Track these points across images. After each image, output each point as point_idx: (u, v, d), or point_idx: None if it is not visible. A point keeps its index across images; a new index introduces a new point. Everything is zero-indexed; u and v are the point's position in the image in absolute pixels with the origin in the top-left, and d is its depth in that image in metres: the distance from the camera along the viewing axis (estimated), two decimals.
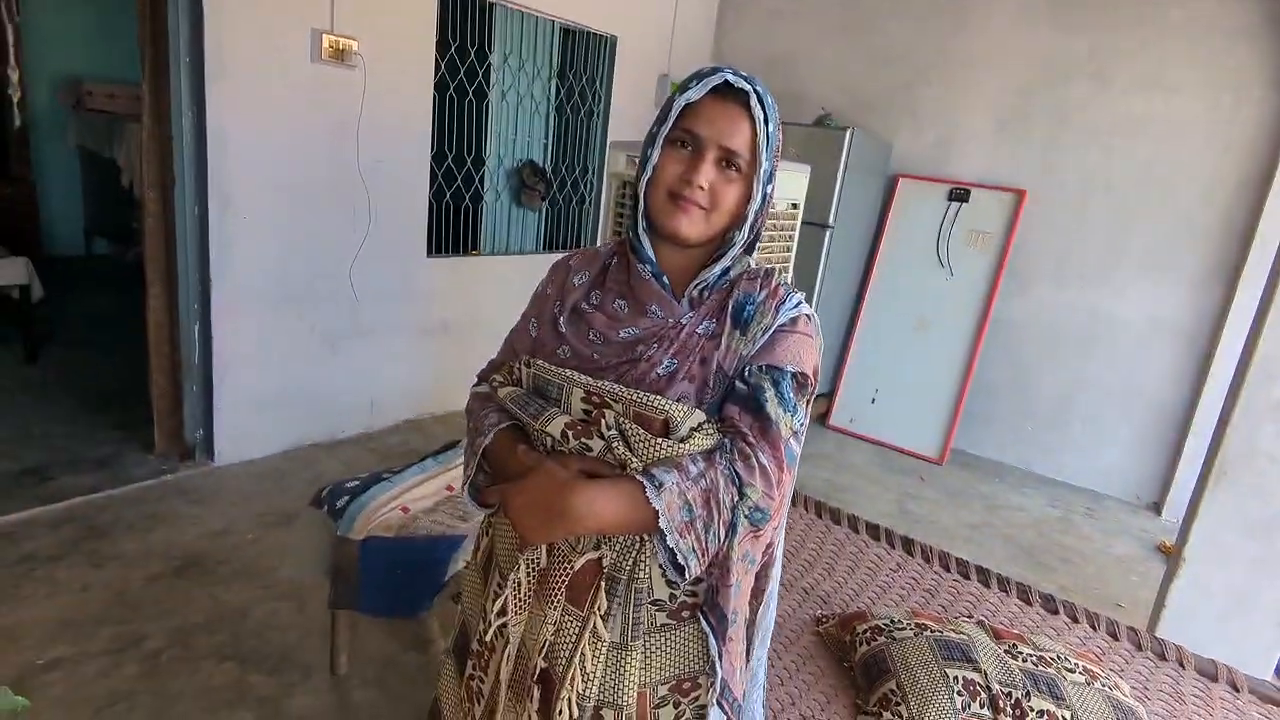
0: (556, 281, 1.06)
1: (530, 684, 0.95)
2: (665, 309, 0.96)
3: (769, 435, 0.89)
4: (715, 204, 0.93)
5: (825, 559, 2.05)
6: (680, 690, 0.97)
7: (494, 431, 0.98)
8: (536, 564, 0.95)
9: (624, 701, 0.93)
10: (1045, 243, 4.17)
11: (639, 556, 0.91)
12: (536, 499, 0.88)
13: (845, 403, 4.62)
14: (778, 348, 0.92)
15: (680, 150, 0.93)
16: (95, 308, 5.00)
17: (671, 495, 0.83)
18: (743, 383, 0.92)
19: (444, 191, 3.79)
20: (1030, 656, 1.48)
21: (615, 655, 0.93)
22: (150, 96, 2.78)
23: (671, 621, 0.95)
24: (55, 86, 5.67)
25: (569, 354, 0.98)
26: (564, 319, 1.00)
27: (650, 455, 0.88)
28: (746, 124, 0.91)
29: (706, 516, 0.85)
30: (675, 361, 0.93)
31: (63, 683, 1.94)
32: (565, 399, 0.94)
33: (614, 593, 0.91)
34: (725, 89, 0.91)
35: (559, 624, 0.93)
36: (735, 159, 0.91)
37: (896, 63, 4.50)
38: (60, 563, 2.40)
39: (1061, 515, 3.83)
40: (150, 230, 2.91)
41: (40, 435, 3.19)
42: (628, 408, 0.90)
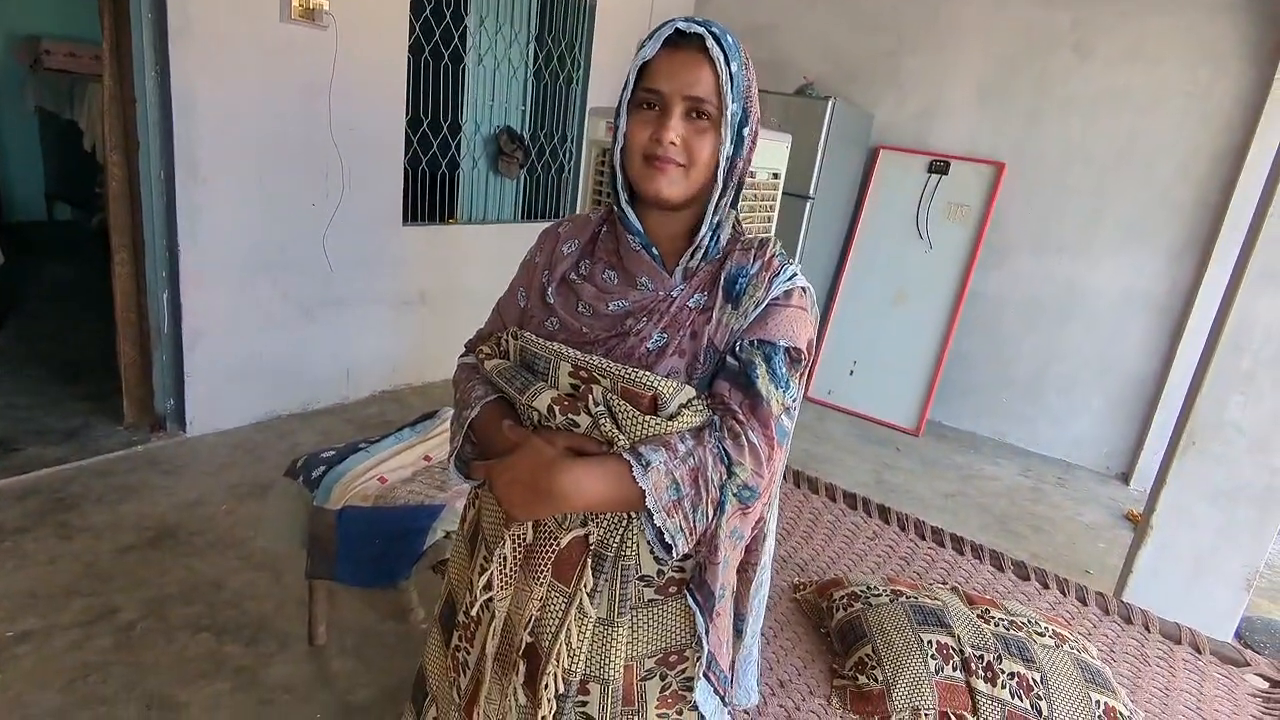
0: (545, 250, 1.03)
1: (516, 658, 0.94)
2: (656, 281, 0.93)
3: (759, 412, 0.87)
4: (692, 158, 0.89)
5: (803, 527, 2.07)
6: (666, 663, 0.97)
7: (480, 405, 0.97)
8: (523, 539, 0.94)
9: (610, 675, 0.93)
10: (1023, 215, 4.19)
11: (626, 533, 0.90)
12: (522, 476, 0.86)
13: (824, 374, 4.65)
14: (770, 322, 0.90)
15: (647, 112, 0.90)
16: (59, 275, 4.88)
17: (659, 474, 0.82)
18: (734, 358, 0.90)
19: (420, 158, 3.72)
20: (1002, 621, 1.51)
21: (602, 631, 0.92)
22: (111, 55, 2.68)
23: (659, 597, 0.95)
24: (11, 45, 5.46)
25: (557, 326, 0.96)
26: (552, 289, 0.98)
27: (638, 432, 0.86)
28: (706, 69, 0.87)
29: (694, 496, 0.84)
30: (665, 336, 0.91)
31: (32, 655, 1.92)
32: (552, 373, 0.92)
33: (600, 569, 0.90)
34: (679, 38, 0.88)
35: (545, 600, 0.92)
36: (702, 107, 0.88)
37: (880, 31, 4.46)
38: (27, 535, 2.36)
39: (1033, 485, 3.90)
40: (115, 195, 2.83)
41: (4, 406, 3.12)
42: (615, 383, 0.87)
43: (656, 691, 0.97)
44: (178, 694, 1.86)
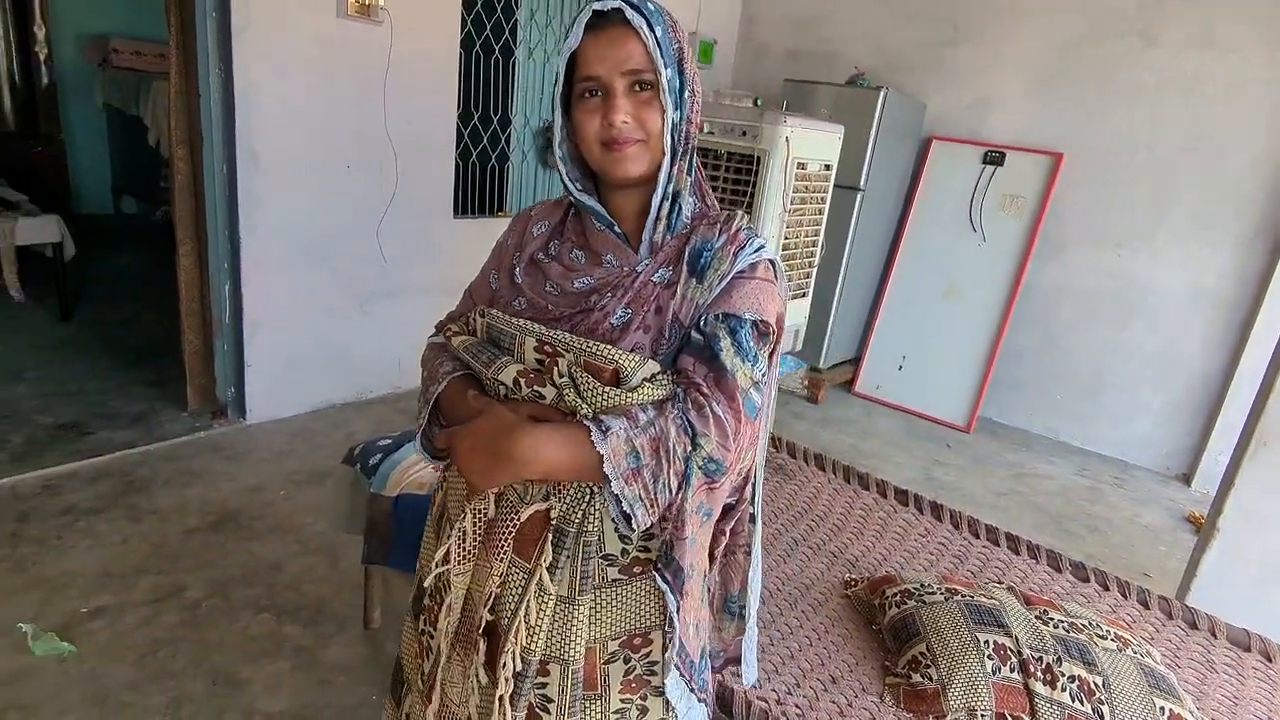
0: (517, 232, 1.05)
1: (476, 637, 0.94)
2: (621, 258, 0.94)
3: (724, 385, 0.86)
4: (646, 131, 0.89)
5: (853, 523, 2.05)
6: (630, 646, 0.95)
7: (447, 380, 0.97)
8: (484, 515, 0.94)
9: (570, 656, 0.91)
10: (1082, 207, 4.06)
11: (589, 509, 0.90)
12: (482, 442, 0.86)
13: (872, 369, 4.58)
14: (735, 295, 0.89)
15: (591, 100, 0.89)
16: (125, 266, 5.07)
17: (618, 441, 0.81)
18: (698, 332, 0.89)
19: (470, 151, 3.76)
20: (1061, 623, 1.48)
21: (563, 609, 0.91)
22: (177, 53, 2.77)
23: (623, 577, 0.93)
24: (82, 44, 5.67)
25: (524, 305, 0.96)
26: (520, 269, 0.99)
27: (600, 403, 0.85)
28: (635, 41, 0.87)
29: (655, 465, 0.82)
30: (629, 311, 0.90)
31: (107, 630, 2.00)
32: (518, 348, 0.93)
33: (561, 545, 0.89)
34: (599, 19, 0.88)
35: (505, 576, 0.92)
36: (641, 78, 0.88)
37: (933, 21, 4.36)
38: (100, 515, 2.47)
39: (1090, 484, 3.79)
40: (179, 188, 2.92)
41: (77, 391, 3.25)
42: (578, 357, 0.88)
43: (620, 675, 0.95)
44: (241, 671, 1.93)
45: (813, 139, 2.70)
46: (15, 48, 5.13)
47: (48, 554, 2.25)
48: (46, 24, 5.21)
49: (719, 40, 4.83)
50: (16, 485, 2.56)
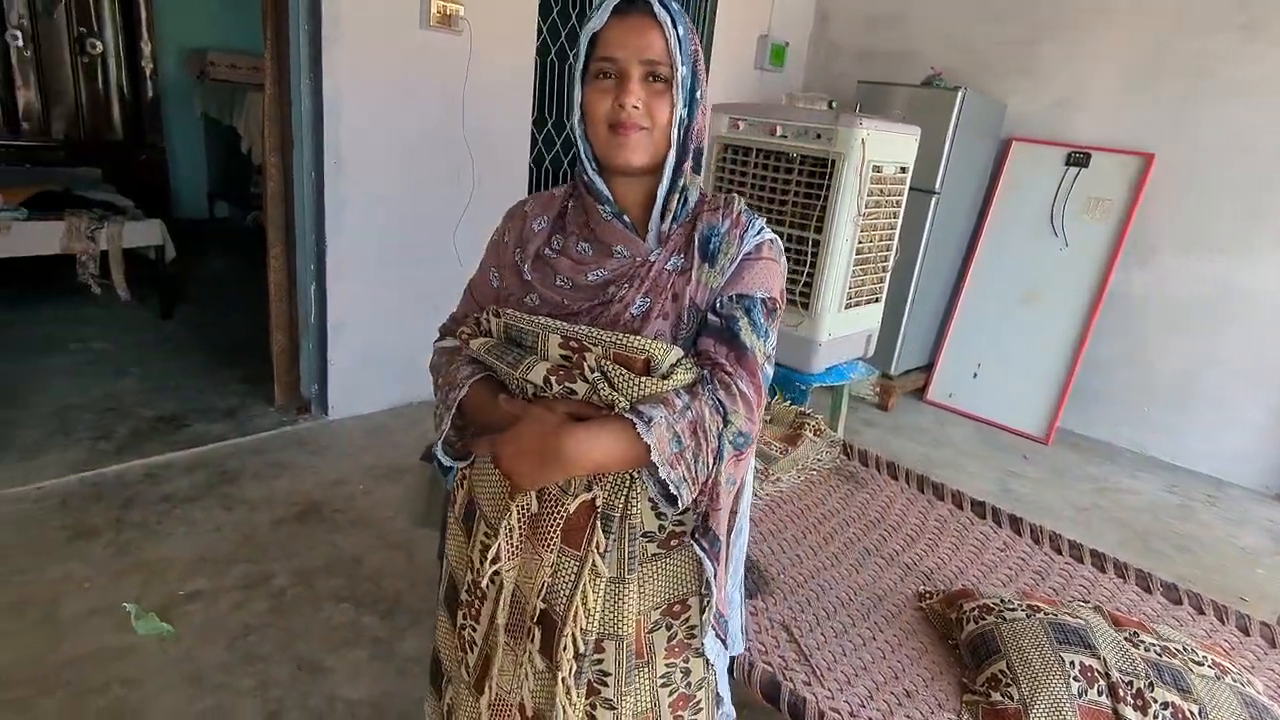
0: (514, 229, 1.06)
1: (530, 625, 0.98)
2: (631, 248, 0.96)
3: (746, 363, 0.91)
4: (653, 120, 0.92)
5: (928, 534, 2.01)
6: (671, 613, 1.01)
7: (468, 384, 0.99)
8: (527, 510, 0.97)
9: (624, 632, 0.97)
10: (1173, 210, 3.87)
11: (630, 493, 0.94)
12: (528, 445, 0.88)
13: (945, 376, 4.46)
14: (746, 276, 0.94)
15: (604, 81, 0.92)
16: (219, 268, 5.35)
17: (661, 429, 0.85)
18: (715, 314, 0.93)
19: (544, 156, 3.83)
20: (1153, 646, 1.42)
21: (613, 589, 0.96)
22: (272, 64, 2.91)
23: (661, 551, 0.99)
24: (182, 58, 6.01)
25: (537, 301, 0.98)
26: (528, 266, 1.01)
27: (635, 393, 0.88)
28: (656, 33, 0.90)
29: (695, 446, 0.87)
30: (648, 300, 0.94)
31: (201, 613, 2.12)
32: (542, 345, 0.94)
33: (609, 530, 0.94)
34: (626, 6, 0.91)
35: (556, 566, 0.96)
36: (657, 69, 0.91)
37: (1014, 18, 4.22)
38: (196, 504, 2.61)
39: (1180, 501, 3.61)
40: (272, 194, 3.07)
41: (175, 386, 3.45)
42: (607, 349, 0.90)
43: (664, 642, 1.01)
44: (324, 658, 2.02)
45: (889, 141, 2.65)
46: (125, 63, 5.47)
47: (149, 538, 2.40)
48: (153, 40, 5.54)
49: (790, 42, 4.79)
50: (123, 473, 2.73)
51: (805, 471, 2.24)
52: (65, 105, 5.27)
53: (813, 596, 1.69)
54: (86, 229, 3.88)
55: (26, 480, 2.60)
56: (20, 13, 4.93)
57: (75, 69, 5.26)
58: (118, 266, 4.03)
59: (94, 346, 3.78)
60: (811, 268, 2.69)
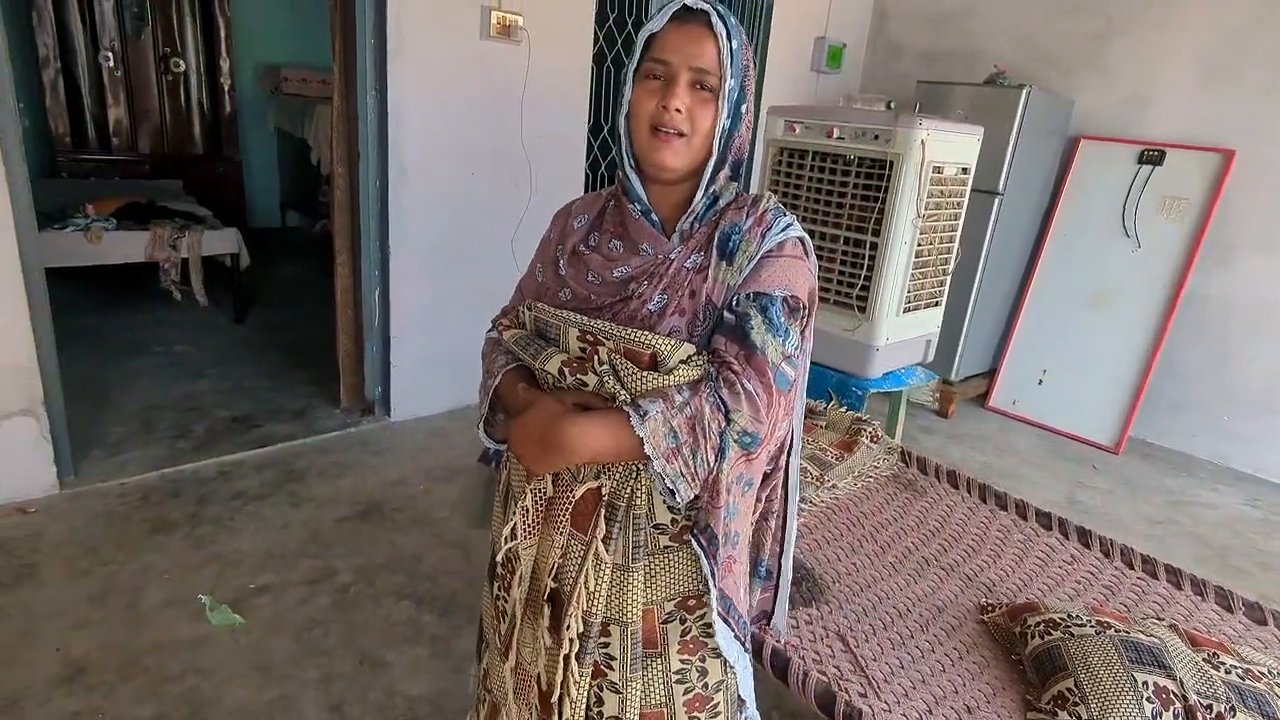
0: (559, 226, 1.11)
1: (542, 603, 1.02)
2: (656, 246, 0.98)
3: (754, 362, 0.90)
4: (694, 126, 0.94)
5: (990, 545, 1.95)
6: (685, 607, 1.02)
7: (502, 373, 1.05)
8: (543, 493, 1.01)
9: (629, 618, 0.99)
10: (1257, 209, 3.67)
11: (637, 484, 0.96)
12: (534, 432, 0.93)
13: (1008, 383, 4.33)
14: (764, 273, 0.94)
15: (653, 82, 0.94)
16: (289, 274, 5.56)
17: (656, 423, 0.87)
18: (730, 312, 0.94)
19: (600, 162, 3.87)
20: (1235, 668, 1.35)
21: (619, 576, 0.98)
22: (340, 78, 3.02)
23: (673, 544, 1.00)
24: (258, 74, 6.28)
25: (569, 295, 1.02)
26: (564, 261, 1.05)
27: (639, 387, 0.91)
28: (710, 43, 0.92)
29: (692, 442, 0.88)
30: (665, 297, 0.96)
31: (270, 606, 2.20)
32: (563, 338, 0.99)
33: (614, 518, 0.96)
34: (685, 14, 0.93)
35: (565, 548, 1.00)
36: (705, 78, 0.93)
37: (1084, 12, 4.08)
38: (265, 501, 2.72)
39: (1263, 516, 3.42)
40: (339, 204, 3.18)
41: (248, 388, 3.60)
42: (618, 344, 0.93)
43: (677, 636, 1.02)
44: (384, 654, 2.07)
45: (949, 142, 2.59)
46: (205, 80, 5.75)
47: (222, 533, 2.51)
48: (231, 58, 5.81)
49: (847, 44, 4.73)
50: (199, 470, 2.86)
51: (861, 478, 2.20)
52: (151, 121, 5.57)
53: (869, 606, 1.66)
54: (169, 238, 4.09)
55: (113, 476, 2.75)
56: (111, 35, 5.24)
57: (160, 87, 5.55)
58: (197, 273, 4.24)
59: (175, 349, 3.98)
60: (869, 271, 2.65)
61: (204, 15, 5.61)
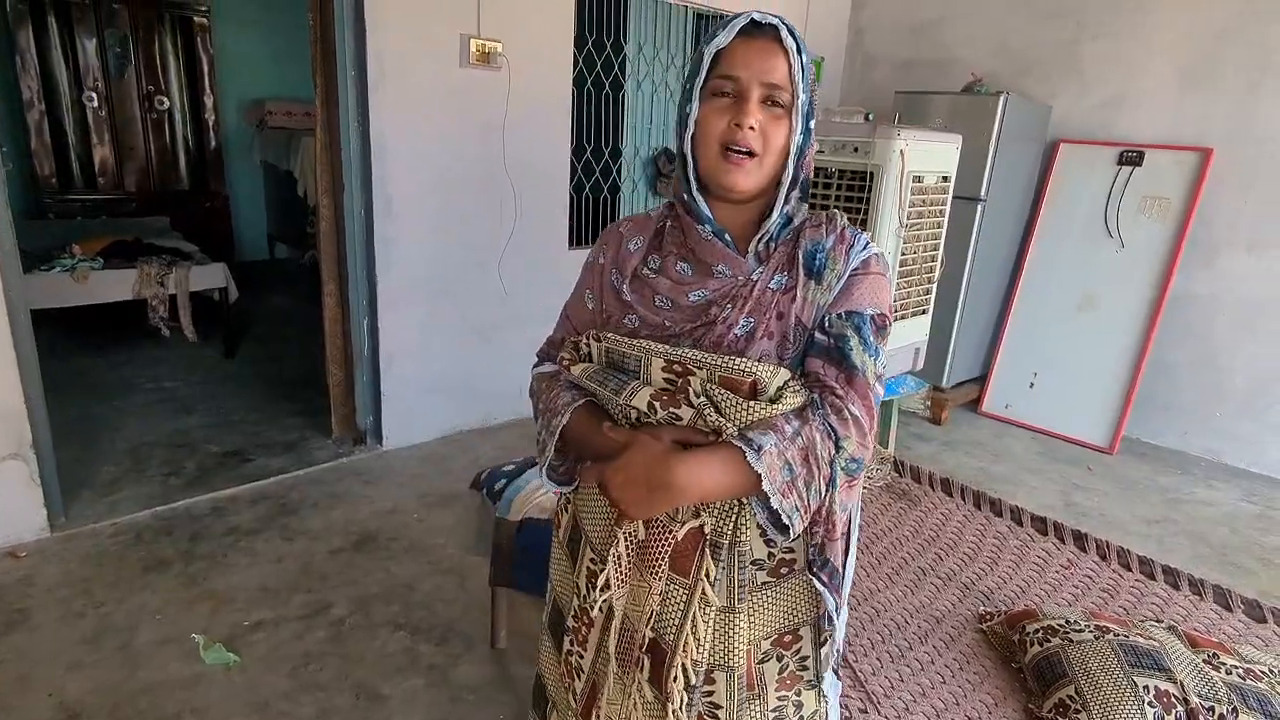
0: (610, 250, 1.04)
1: (639, 654, 0.95)
2: (733, 267, 0.94)
3: (857, 384, 0.88)
4: (767, 145, 0.90)
5: (986, 552, 1.95)
6: (782, 644, 0.97)
7: (570, 410, 0.97)
8: (634, 537, 0.95)
9: (735, 663, 0.94)
10: (1237, 206, 3.71)
11: (739, 520, 0.91)
12: (637, 475, 0.86)
13: (1000, 388, 4.34)
14: (855, 292, 0.91)
15: (722, 99, 0.90)
16: (279, 306, 5.55)
17: (771, 457, 0.82)
18: (823, 333, 0.91)
19: (583, 184, 3.89)
20: (1235, 668, 1.34)
21: (723, 618, 0.93)
22: (322, 110, 3.03)
23: (771, 579, 0.95)
24: (242, 109, 6.30)
25: (637, 322, 0.96)
26: (626, 286, 0.99)
27: (743, 419, 0.86)
28: (781, 58, 0.89)
29: (806, 474, 0.84)
30: (752, 320, 0.91)
31: (265, 642, 2.18)
32: (644, 370, 0.92)
33: (717, 557, 0.91)
34: (753, 28, 0.89)
35: (665, 594, 0.93)
36: (777, 94, 0.89)
37: (1057, 18, 4.13)
38: (259, 535, 2.69)
39: (1260, 511, 3.41)
40: (324, 234, 3.18)
41: (239, 421, 3.58)
42: (713, 373, 0.88)
43: (775, 674, 0.97)
44: (381, 686, 2.05)
45: (929, 151, 2.61)
46: (190, 117, 5.77)
47: (215, 570, 2.48)
48: (215, 94, 5.85)
49: (825, 57, 4.78)
50: (191, 507, 2.84)
51: None
52: (136, 159, 5.58)
53: (866, 620, 1.65)
54: (156, 275, 4.08)
55: (105, 516, 2.72)
56: (95, 75, 5.26)
57: (145, 125, 5.57)
58: (185, 309, 4.23)
59: (165, 386, 3.96)
60: None
61: (187, 52, 5.64)
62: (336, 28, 2.89)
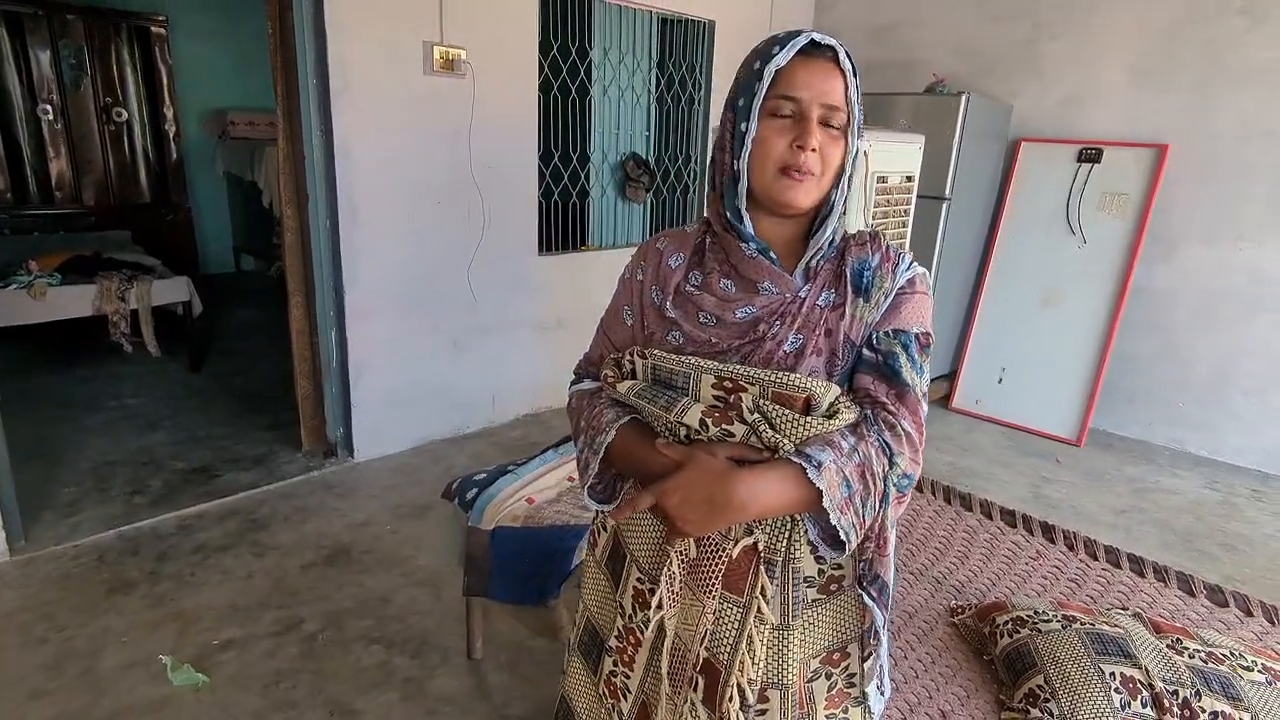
0: (650, 265, 1.03)
1: (693, 674, 0.95)
2: (780, 284, 0.93)
3: (908, 401, 0.90)
4: (825, 165, 0.90)
5: (957, 547, 1.97)
6: (830, 662, 0.98)
7: (615, 428, 0.96)
8: (686, 555, 0.94)
9: (788, 681, 0.94)
10: (1194, 201, 3.80)
11: (792, 536, 0.91)
12: (696, 493, 0.86)
13: (969, 384, 4.40)
14: (903, 310, 0.92)
15: (780, 120, 0.90)
16: (245, 319, 5.46)
17: (831, 473, 0.82)
18: (871, 350, 0.92)
19: (552, 190, 3.88)
20: (1198, 653, 1.37)
21: (777, 636, 0.93)
22: (284, 120, 2.99)
23: (821, 596, 0.96)
24: (204, 119, 6.21)
25: (681, 339, 0.96)
26: (669, 303, 0.98)
27: (798, 434, 0.86)
28: (839, 79, 0.89)
29: (863, 490, 0.85)
30: (801, 337, 0.92)
31: (235, 661, 2.13)
32: (694, 387, 0.92)
33: (772, 575, 0.91)
34: (811, 48, 0.89)
35: (719, 612, 0.93)
36: (835, 116, 0.90)
37: (1015, 19, 4.21)
38: (228, 552, 2.64)
39: (1223, 498, 3.50)
40: (289, 245, 3.14)
41: (206, 437, 3.52)
42: (765, 389, 0.88)
43: (824, 691, 0.97)
44: (355, 702, 2.02)
45: (891, 151, 2.66)
46: (149, 128, 5.67)
47: (183, 589, 2.43)
48: (174, 105, 5.75)
49: None
50: (157, 526, 2.78)
51: None
52: (95, 172, 5.47)
53: None
54: (117, 290, 4.00)
55: (66, 538, 2.66)
56: (49, 88, 5.15)
57: (103, 137, 5.46)
58: (147, 324, 4.14)
59: (128, 403, 3.88)
60: None
61: (145, 63, 5.55)
62: (296, 36, 2.86)
